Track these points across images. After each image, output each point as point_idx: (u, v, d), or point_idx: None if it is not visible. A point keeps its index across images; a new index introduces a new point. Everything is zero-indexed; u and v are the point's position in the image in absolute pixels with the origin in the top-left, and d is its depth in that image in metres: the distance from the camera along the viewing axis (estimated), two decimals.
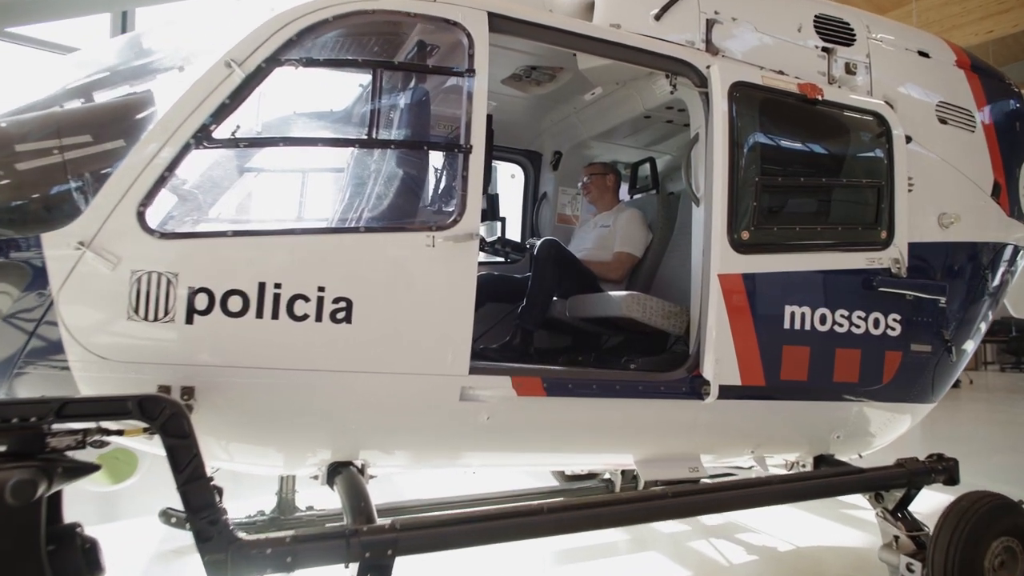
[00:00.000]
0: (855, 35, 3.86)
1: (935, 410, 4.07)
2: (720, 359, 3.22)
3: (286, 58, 2.65)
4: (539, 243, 4.18)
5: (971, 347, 4.15)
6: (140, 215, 2.43)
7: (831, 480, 3.51)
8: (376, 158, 3.02)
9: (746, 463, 3.91)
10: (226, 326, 2.49)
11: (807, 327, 3.41)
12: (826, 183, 3.70)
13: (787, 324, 3.37)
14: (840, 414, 3.65)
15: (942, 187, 3.87)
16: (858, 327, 3.52)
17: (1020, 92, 4.43)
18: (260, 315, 2.52)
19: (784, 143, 3.66)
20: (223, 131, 2.56)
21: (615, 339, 4.56)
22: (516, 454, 3.28)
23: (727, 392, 3.24)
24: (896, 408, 3.79)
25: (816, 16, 3.78)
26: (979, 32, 12.20)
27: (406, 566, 2.44)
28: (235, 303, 2.49)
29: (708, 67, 3.36)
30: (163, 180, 2.47)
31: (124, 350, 2.44)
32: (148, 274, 2.42)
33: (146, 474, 3.94)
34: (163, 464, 2.18)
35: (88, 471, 2.11)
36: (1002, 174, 4.11)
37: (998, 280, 4.17)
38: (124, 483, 3.98)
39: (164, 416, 2.12)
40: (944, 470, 3.54)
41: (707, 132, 3.36)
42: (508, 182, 5.37)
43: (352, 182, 3.04)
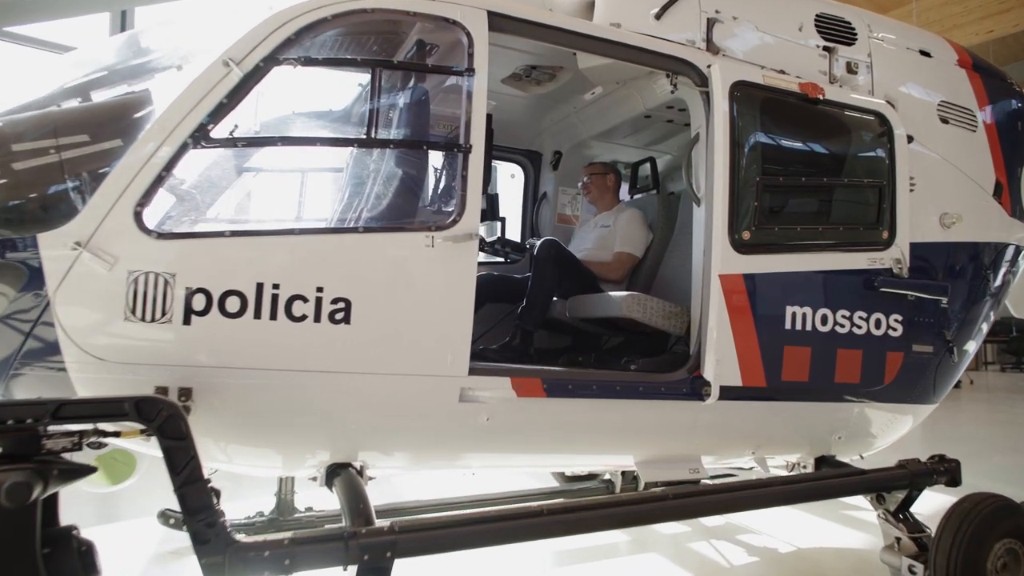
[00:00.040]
0: (856, 34, 3.85)
1: (936, 410, 4.05)
2: (721, 360, 3.21)
3: (284, 57, 2.64)
4: (539, 243, 4.17)
5: (973, 347, 4.13)
6: (137, 215, 2.42)
7: (832, 482, 3.50)
8: (375, 158, 3.01)
9: (747, 464, 3.89)
10: (224, 327, 2.48)
11: (808, 327, 3.39)
12: (827, 183, 3.68)
13: (788, 324, 3.35)
14: (841, 415, 3.63)
15: (944, 187, 3.86)
16: (859, 327, 3.51)
17: (1021, 91, 4.41)
18: (258, 316, 2.51)
19: (785, 143, 3.65)
20: (221, 131, 2.55)
21: (615, 340, 4.54)
22: (516, 455, 3.27)
23: (728, 393, 3.23)
24: (897, 409, 3.78)
25: (817, 15, 3.77)
26: (979, 32, 12.19)
27: (406, 566, 2.42)
28: (233, 304, 2.48)
29: (709, 66, 3.35)
30: (160, 180, 2.46)
31: (121, 351, 2.43)
32: (145, 274, 2.41)
33: (144, 475, 3.93)
34: (161, 465, 2.17)
35: (84, 473, 2.09)
36: (1004, 174, 4.10)
37: (1000, 280, 4.16)
38: (122, 484, 3.97)
39: (161, 418, 2.11)
40: (946, 471, 3.53)
41: (708, 132, 3.35)
42: (508, 182, 5.36)
43: (351, 182, 3.02)
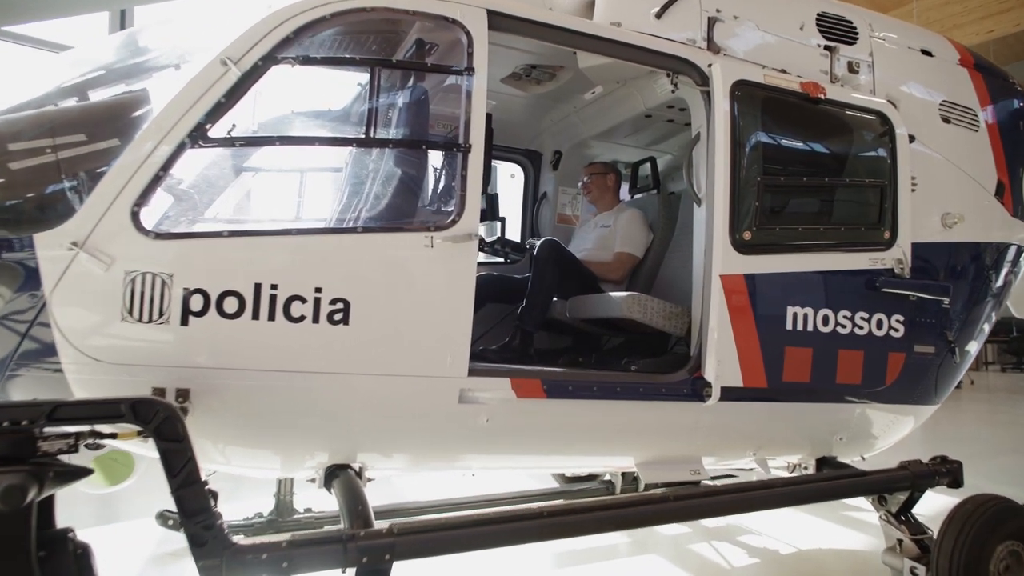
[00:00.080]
0: (858, 33, 3.83)
1: (937, 411, 4.04)
2: (722, 360, 3.19)
3: (282, 56, 2.63)
4: (539, 243, 4.15)
5: (974, 348, 4.12)
6: (134, 215, 2.40)
7: (834, 483, 3.49)
8: (374, 157, 2.99)
9: (748, 465, 3.88)
10: (222, 328, 2.47)
11: (810, 328, 3.38)
12: (829, 183, 3.67)
13: (789, 325, 3.34)
14: (843, 416, 3.62)
15: (945, 187, 3.84)
16: (861, 328, 3.49)
17: (1023, 91, 4.40)
18: (256, 316, 2.49)
19: (786, 142, 3.63)
20: (219, 130, 2.53)
21: (616, 340, 4.53)
22: (516, 456, 3.25)
23: (729, 394, 3.21)
24: (899, 410, 3.76)
25: (819, 14, 3.75)
26: (980, 32, 12.19)
27: (405, 565, 2.41)
28: (231, 304, 2.47)
29: (710, 66, 3.33)
30: (158, 180, 2.45)
31: (118, 352, 2.41)
32: (142, 275, 2.39)
33: (143, 476, 3.91)
34: (160, 466, 2.15)
35: (80, 475, 2.08)
36: (1005, 173, 4.08)
37: (1001, 281, 4.14)
38: (121, 485, 3.94)
39: (158, 419, 2.10)
40: (948, 472, 3.51)
41: (709, 131, 3.33)
42: (508, 182, 5.35)
43: (350, 182, 3.01)
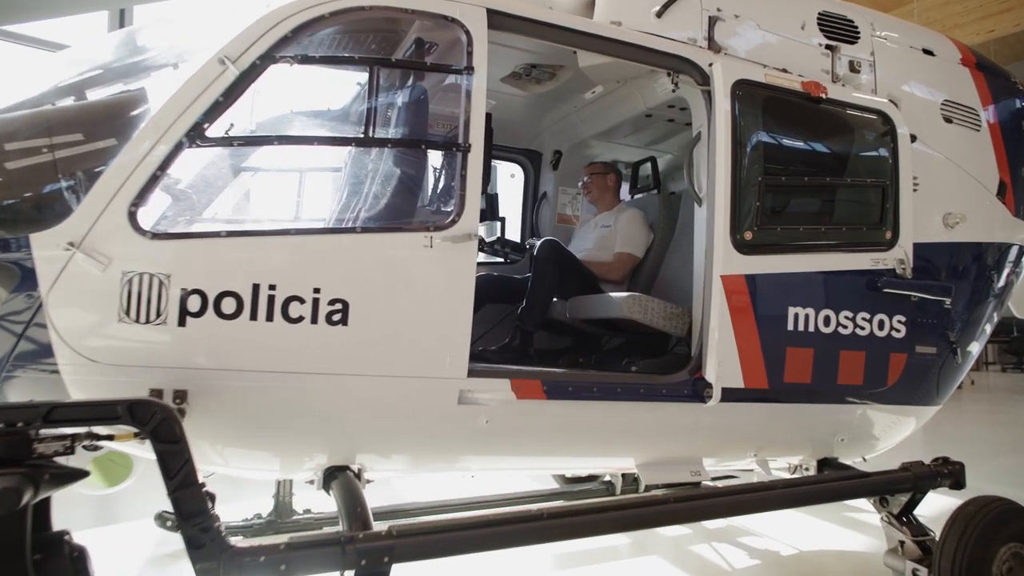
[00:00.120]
0: (859, 33, 3.81)
1: (937, 411, 4.02)
2: (723, 361, 3.17)
3: (281, 55, 2.61)
4: (539, 243, 4.14)
5: (976, 349, 4.10)
6: (131, 215, 2.38)
7: (835, 484, 3.48)
8: (373, 157, 2.97)
9: (748, 466, 3.86)
10: (220, 328, 2.45)
11: (811, 329, 3.36)
12: (830, 183, 3.65)
13: (790, 326, 3.32)
14: (844, 417, 3.60)
15: (947, 187, 3.83)
16: (862, 328, 3.47)
17: None
18: (254, 317, 2.48)
19: (787, 142, 3.61)
20: (216, 129, 2.52)
21: (616, 341, 4.51)
22: (516, 458, 3.23)
23: (730, 395, 3.19)
24: (901, 411, 3.75)
25: (820, 13, 3.73)
26: (980, 31, 12.17)
27: (405, 565, 2.40)
28: (229, 305, 2.45)
29: (710, 65, 3.32)
30: (155, 179, 2.43)
31: (115, 353, 2.39)
32: (139, 275, 2.37)
33: (142, 477, 3.89)
34: (158, 467, 2.14)
35: (77, 477, 2.06)
36: (1007, 173, 4.06)
37: (1003, 281, 4.13)
38: (119, 486, 3.93)
39: (155, 421, 2.08)
40: (950, 474, 3.50)
41: (709, 131, 3.32)
42: (508, 182, 5.33)
43: (349, 182, 2.99)
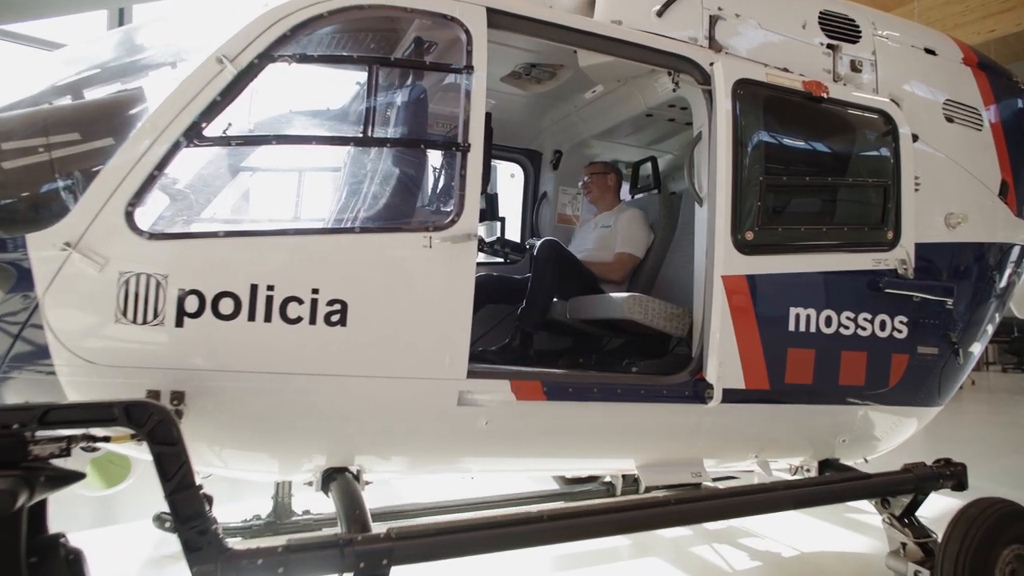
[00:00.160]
0: (861, 32, 3.80)
1: (939, 412, 4.01)
2: (724, 362, 3.16)
3: (279, 54, 2.59)
4: (539, 243, 4.12)
5: (978, 349, 4.09)
6: (128, 215, 2.36)
7: (837, 486, 3.47)
8: (372, 157, 2.96)
9: (749, 467, 3.85)
10: (217, 329, 2.43)
11: (812, 329, 3.34)
12: (831, 183, 3.63)
13: (792, 326, 3.31)
14: (845, 418, 3.59)
15: (949, 187, 3.81)
16: (864, 329, 3.46)
17: None
18: (252, 318, 2.46)
19: (789, 142, 3.60)
20: (214, 129, 2.50)
21: (616, 341, 4.49)
22: (516, 459, 3.22)
23: (731, 396, 3.18)
24: (902, 411, 3.73)
25: (821, 12, 3.72)
26: (981, 31, 12.15)
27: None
28: (226, 305, 2.43)
29: (711, 64, 3.30)
30: (152, 179, 2.41)
31: (112, 354, 2.37)
32: (137, 276, 2.35)
33: (140, 478, 3.88)
34: None
35: (73, 479, 2.04)
36: (1009, 173, 4.05)
37: (1005, 281, 4.11)
38: (118, 487, 3.92)
39: (151, 423, 2.07)
40: (952, 475, 3.48)
41: (710, 130, 3.30)
42: (507, 181, 5.32)
43: (347, 181, 2.97)
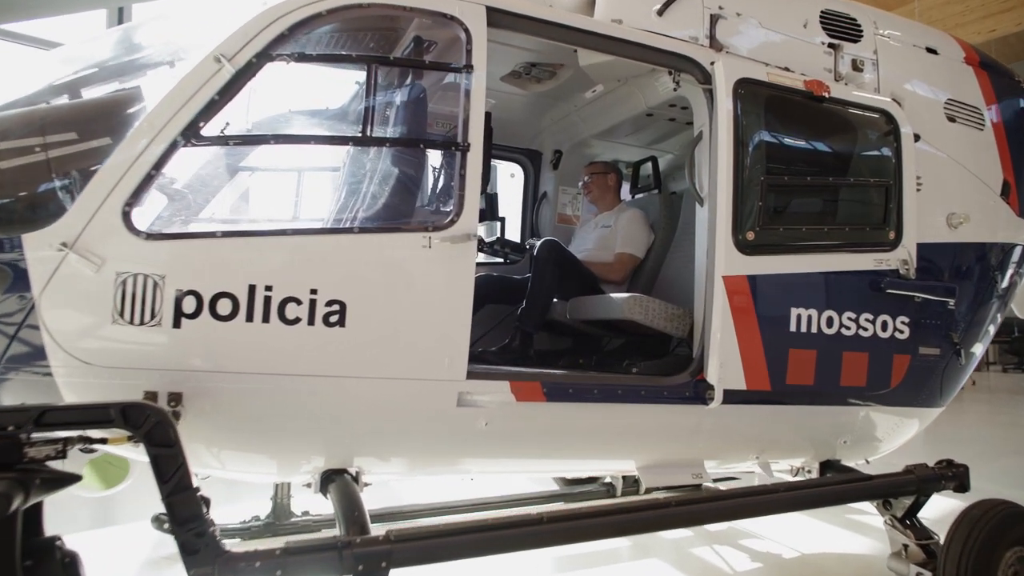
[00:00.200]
0: (862, 31, 3.78)
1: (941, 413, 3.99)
2: (725, 363, 3.14)
3: (277, 53, 2.57)
4: (539, 243, 4.11)
5: (980, 350, 4.07)
6: (126, 215, 2.35)
7: (838, 487, 3.45)
8: (371, 157, 2.95)
9: (750, 468, 3.83)
10: (215, 330, 2.42)
11: (814, 330, 3.33)
12: (833, 182, 3.62)
13: (793, 327, 3.29)
14: (847, 419, 3.57)
15: (951, 186, 3.80)
16: (866, 330, 3.44)
17: None
18: (250, 319, 2.44)
19: (790, 141, 3.58)
20: (212, 128, 2.49)
21: (616, 342, 4.48)
22: (515, 461, 3.21)
23: (732, 397, 3.16)
24: (904, 412, 3.72)
25: (822, 12, 3.70)
26: (982, 31, 12.14)
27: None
28: (224, 306, 2.42)
29: (712, 63, 3.29)
30: (150, 179, 2.39)
31: (109, 355, 2.36)
32: (134, 276, 2.34)
33: (139, 479, 3.86)
34: None
35: (69, 482, 2.03)
36: (1011, 173, 4.03)
37: (1007, 282, 4.09)
38: (116, 488, 3.91)
39: (148, 424, 2.05)
40: (954, 476, 3.46)
41: (711, 130, 3.29)
42: (507, 181, 5.30)
43: (346, 181, 2.96)
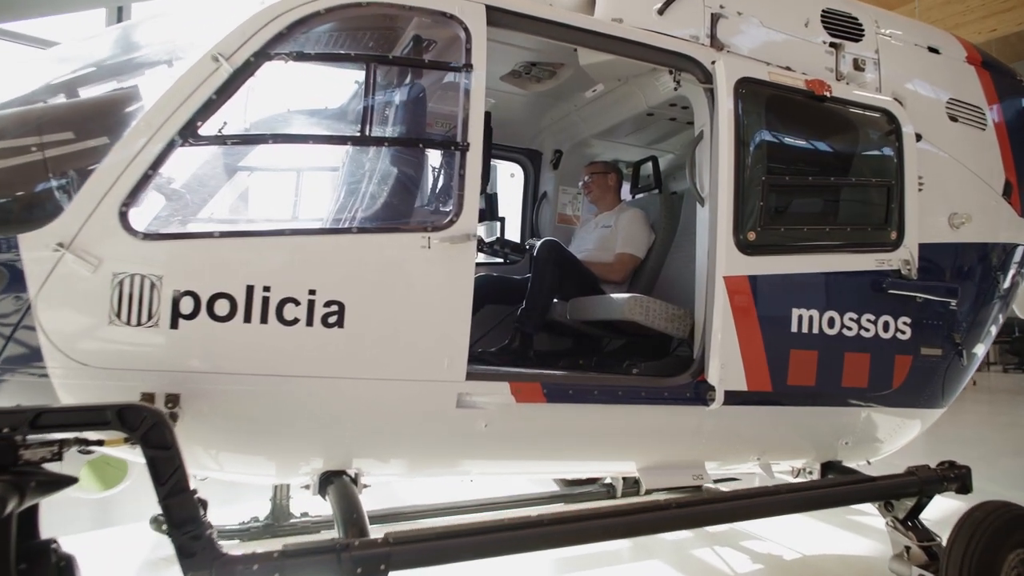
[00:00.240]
0: (864, 30, 3.77)
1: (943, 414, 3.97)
2: (726, 364, 3.12)
3: (276, 52, 2.56)
4: (539, 244, 4.09)
5: (982, 350, 4.06)
6: (123, 215, 2.33)
7: (840, 489, 3.43)
8: (370, 156, 2.93)
9: (751, 469, 3.82)
10: (213, 331, 2.40)
11: (815, 331, 3.32)
12: (834, 182, 3.61)
13: (794, 327, 3.28)
14: (848, 420, 3.56)
15: (953, 186, 3.78)
16: (867, 330, 3.43)
17: None
18: (248, 319, 2.43)
19: (791, 141, 3.57)
20: (210, 128, 2.47)
21: (617, 342, 4.46)
22: (515, 462, 3.20)
23: (733, 398, 3.15)
24: (905, 413, 3.70)
25: (824, 11, 3.69)
26: (982, 31, 12.13)
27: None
28: (222, 307, 2.40)
29: (713, 63, 3.27)
30: (147, 179, 2.38)
31: (106, 356, 2.34)
32: (131, 277, 2.32)
33: (137, 479, 3.85)
34: None
35: (65, 484, 2.02)
36: (1013, 173, 4.02)
37: (1009, 282, 4.08)
38: (114, 489, 3.89)
39: (145, 426, 2.04)
40: (956, 478, 3.44)
41: (712, 130, 3.27)
42: (507, 181, 5.29)
43: (345, 181, 2.95)
